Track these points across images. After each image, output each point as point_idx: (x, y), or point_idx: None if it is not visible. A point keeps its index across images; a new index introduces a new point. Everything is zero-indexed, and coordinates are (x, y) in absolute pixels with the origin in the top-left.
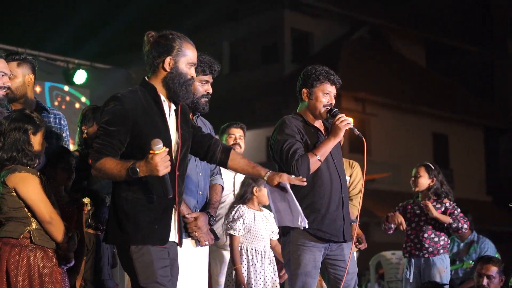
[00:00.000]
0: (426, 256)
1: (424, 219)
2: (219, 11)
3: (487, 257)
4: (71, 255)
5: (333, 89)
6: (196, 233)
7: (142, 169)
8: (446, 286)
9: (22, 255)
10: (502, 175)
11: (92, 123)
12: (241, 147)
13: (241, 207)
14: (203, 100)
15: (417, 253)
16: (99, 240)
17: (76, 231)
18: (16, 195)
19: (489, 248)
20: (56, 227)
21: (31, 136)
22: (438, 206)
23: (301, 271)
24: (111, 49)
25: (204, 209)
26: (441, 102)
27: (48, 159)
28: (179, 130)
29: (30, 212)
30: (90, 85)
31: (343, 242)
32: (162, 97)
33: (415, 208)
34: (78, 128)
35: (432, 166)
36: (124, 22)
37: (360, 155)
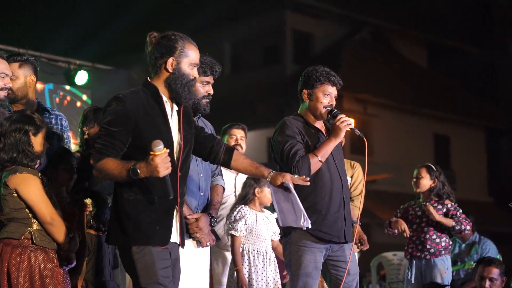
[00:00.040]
0: (427, 257)
1: (425, 220)
2: (220, 12)
3: (488, 259)
4: (73, 256)
5: (334, 90)
6: (197, 234)
7: (142, 170)
8: (447, 287)
9: (23, 256)
10: (503, 176)
11: (93, 124)
12: (242, 148)
13: (243, 207)
14: (204, 101)
15: (418, 254)
16: (101, 241)
17: (77, 231)
18: (17, 196)
19: (490, 249)
20: (57, 228)
21: (32, 137)
22: (439, 207)
23: (302, 271)
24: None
25: (205, 210)
26: (443, 103)
27: (49, 160)
28: (181, 131)
29: (31, 213)
30: (91, 86)
31: (345, 243)
32: (164, 98)
33: (417, 209)
34: (79, 129)
35: (433, 167)
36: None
37: (361, 156)
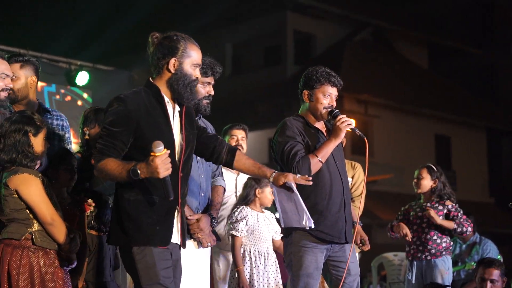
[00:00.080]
0: (428, 258)
1: (426, 221)
2: (222, 13)
3: (489, 261)
4: (73, 257)
5: (334, 91)
6: (198, 235)
7: (142, 171)
8: (448, 287)
9: (23, 256)
10: (504, 177)
11: (94, 124)
12: (243, 148)
13: (244, 208)
14: (204, 101)
15: (419, 255)
16: (102, 241)
17: (78, 232)
18: (17, 197)
19: (491, 249)
20: (57, 228)
21: (32, 137)
22: (440, 208)
23: (303, 272)
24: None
25: (206, 210)
26: (444, 104)
27: (50, 160)
28: (183, 131)
29: (31, 213)
30: (92, 86)
31: (345, 243)
32: (166, 98)
33: (417, 210)
34: (80, 129)
35: (434, 167)
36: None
37: (362, 157)
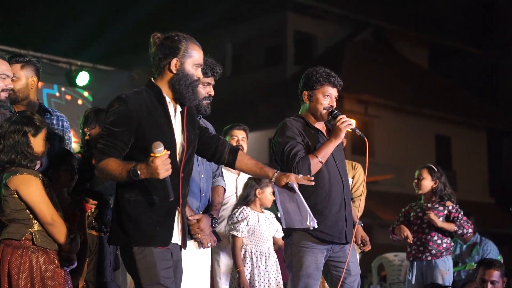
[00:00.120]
0: (429, 258)
1: (426, 221)
2: (222, 13)
3: (489, 262)
4: (74, 257)
5: (334, 91)
6: (199, 235)
7: (142, 171)
8: None
9: (24, 256)
10: (505, 177)
11: (94, 125)
12: (243, 149)
13: (245, 208)
14: (205, 102)
15: (420, 255)
16: (102, 241)
17: (78, 232)
18: (17, 197)
19: (491, 250)
20: (58, 228)
21: (31, 138)
22: (440, 208)
23: (303, 272)
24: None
25: (206, 211)
26: (444, 104)
27: (50, 161)
28: (184, 132)
29: (32, 213)
30: (92, 87)
31: (346, 243)
32: (167, 98)
33: (418, 210)
34: (80, 130)
35: (435, 168)
36: (127, 24)
37: (362, 157)
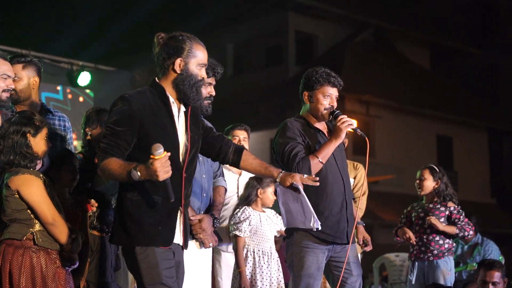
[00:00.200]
0: (431, 259)
1: (428, 222)
2: (222, 13)
3: (489, 263)
4: (75, 257)
5: (334, 91)
6: (200, 235)
7: (142, 173)
8: None
9: (25, 256)
10: (506, 177)
11: (96, 125)
12: None
13: (246, 208)
14: (206, 102)
15: (421, 256)
16: (104, 242)
17: (80, 232)
18: (19, 197)
19: (493, 250)
20: (59, 229)
21: (31, 138)
22: (442, 209)
23: (304, 272)
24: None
25: (208, 211)
26: (445, 104)
27: (52, 161)
28: (188, 132)
29: (33, 213)
30: (94, 87)
31: (347, 244)
32: (171, 98)
33: (419, 211)
34: (82, 129)
35: (436, 168)
36: (128, 24)
37: (363, 157)
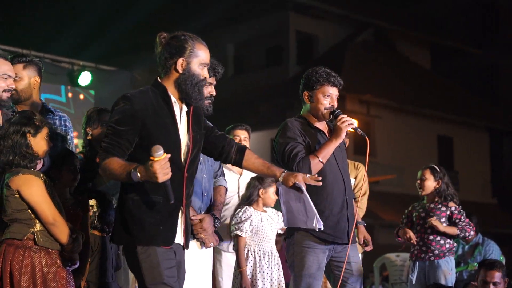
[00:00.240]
0: (431, 258)
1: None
2: (222, 13)
3: (490, 263)
4: (76, 257)
5: (334, 91)
6: (201, 235)
7: (142, 174)
8: None
9: (26, 256)
10: (506, 177)
11: (97, 125)
12: None
13: (248, 208)
14: (206, 102)
15: (422, 255)
16: (105, 242)
17: (81, 232)
18: (19, 197)
19: (494, 250)
20: (59, 228)
21: (30, 138)
22: (443, 209)
23: (305, 272)
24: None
25: (208, 210)
26: (446, 104)
27: (52, 161)
28: (190, 132)
29: (33, 213)
30: (94, 86)
31: (347, 243)
32: (173, 98)
33: (420, 211)
34: (82, 129)
35: (437, 168)
36: (128, 24)
37: (364, 157)
